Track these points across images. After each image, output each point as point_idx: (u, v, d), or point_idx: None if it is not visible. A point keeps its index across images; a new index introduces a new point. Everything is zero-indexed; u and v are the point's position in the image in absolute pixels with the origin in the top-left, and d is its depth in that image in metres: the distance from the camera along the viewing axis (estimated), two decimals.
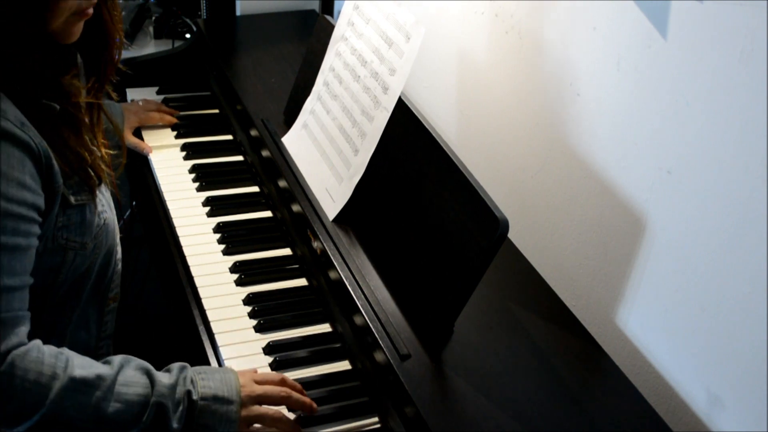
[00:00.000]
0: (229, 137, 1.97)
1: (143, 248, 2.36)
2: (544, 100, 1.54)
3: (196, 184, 1.80)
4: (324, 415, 1.28)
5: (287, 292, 1.52)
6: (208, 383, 1.20)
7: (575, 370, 1.29)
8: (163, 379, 1.17)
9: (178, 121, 1.99)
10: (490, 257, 1.21)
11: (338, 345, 1.42)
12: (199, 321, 1.46)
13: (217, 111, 2.07)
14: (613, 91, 1.37)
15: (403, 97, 1.44)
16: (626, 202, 1.38)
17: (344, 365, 1.39)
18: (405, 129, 1.43)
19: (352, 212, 1.51)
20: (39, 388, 1.09)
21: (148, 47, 2.41)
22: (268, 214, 1.73)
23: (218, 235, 1.64)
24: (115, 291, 1.44)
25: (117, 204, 1.46)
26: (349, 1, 1.64)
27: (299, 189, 1.61)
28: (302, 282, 1.55)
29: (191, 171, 1.84)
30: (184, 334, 1.50)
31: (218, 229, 1.66)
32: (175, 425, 1.15)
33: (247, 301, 1.49)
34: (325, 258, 1.47)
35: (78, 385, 1.11)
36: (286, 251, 1.63)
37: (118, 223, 1.44)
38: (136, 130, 1.93)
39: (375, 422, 1.29)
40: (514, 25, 1.59)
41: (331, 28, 1.68)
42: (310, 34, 1.80)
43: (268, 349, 1.39)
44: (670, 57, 1.24)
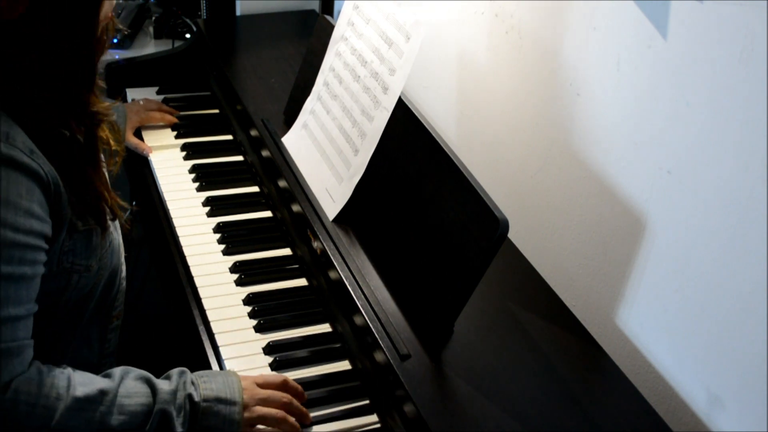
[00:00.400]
0: (229, 137, 1.97)
1: (143, 248, 2.36)
2: (544, 100, 1.54)
3: (196, 184, 1.80)
4: (324, 415, 1.28)
5: (287, 292, 1.52)
6: (210, 385, 1.20)
7: (575, 370, 1.29)
8: (163, 386, 1.18)
9: (178, 120, 1.99)
10: (490, 257, 1.21)
11: (338, 345, 1.42)
12: (199, 321, 1.46)
13: (217, 111, 2.07)
14: (613, 91, 1.37)
15: (403, 97, 1.44)
16: (626, 202, 1.38)
17: (344, 365, 1.39)
18: (405, 129, 1.43)
19: (352, 212, 1.51)
20: (43, 411, 1.09)
21: (148, 47, 2.41)
22: (268, 214, 1.73)
23: (218, 235, 1.64)
24: (119, 309, 1.43)
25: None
26: (349, 1, 1.64)
27: (299, 189, 1.61)
28: (302, 282, 1.55)
29: (191, 171, 1.84)
30: (184, 334, 1.50)
31: (218, 229, 1.66)
32: (179, 430, 1.16)
33: (247, 301, 1.49)
34: (325, 258, 1.47)
35: (82, 403, 1.11)
36: (286, 251, 1.63)
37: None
38: (137, 129, 1.94)
39: (375, 422, 1.29)
40: (514, 25, 1.59)
41: (331, 28, 1.68)
42: (310, 34, 1.80)
43: (268, 349, 1.39)
44: (670, 57, 1.24)
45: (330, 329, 1.45)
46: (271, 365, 1.36)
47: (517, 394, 1.22)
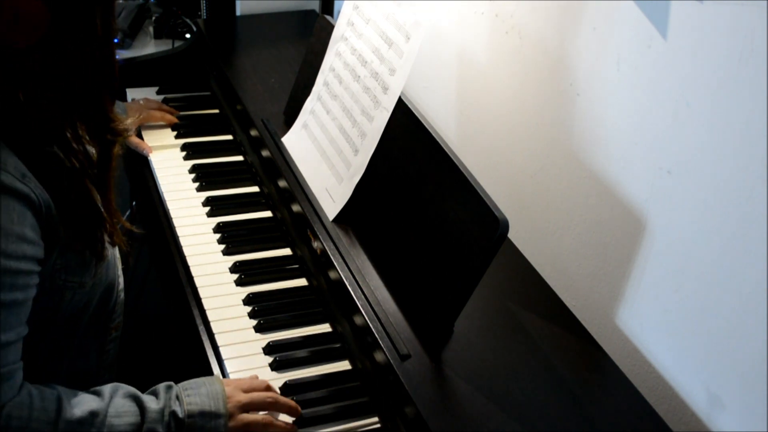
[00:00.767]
0: (229, 137, 1.97)
1: (143, 248, 2.36)
2: (544, 100, 1.54)
3: (196, 184, 1.80)
4: (324, 415, 1.28)
5: (287, 292, 1.52)
6: (194, 399, 1.20)
7: (575, 370, 1.29)
8: (151, 404, 1.17)
9: (178, 120, 1.99)
10: (490, 257, 1.21)
11: (338, 345, 1.42)
12: (199, 321, 1.46)
13: (217, 111, 2.07)
14: (613, 91, 1.37)
15: (403, 97, 1.44)
16: (626, 202, 1.38)
17: (344, 365, 1.39)
18: (405, 129, 1.43)
19: (352, 212, 1.51)
20: None
21: (148, 47, 2.41)
22: (268, 214, 1.73)
23: (218, 235, 1.64)
24: (117, 320, 1.41)
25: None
26: (349, 1, 1.64)
27: (299, 189, 1.61)
28: (302, 282, 1.55)
29: (191, 171, 1.84)
30: (184, 334, 1.50)
31: (218, 229, 1.66)
32: None
33: (247, 301, 1.49)
34: (325, 258, 1.47)
35: (73, 426, 1.11)
36: (286, 251, 1.63)
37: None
38: (137, 129, 1.93)
39: (375, 422, 1.29)
40: (514, 25, 1.59)
41: (331, 28, 1.68)
42: (310, 34, 1.80)
43: (268, 349, 1.39)
44: (670, 57, 1.24)
45: (330, 329, 1.45)
46: (271, 365, 1.36)
47: (517, 393, 1.22)
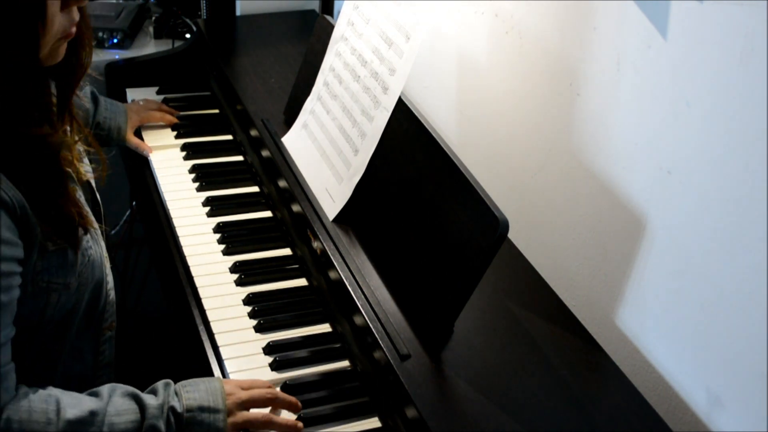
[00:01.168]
0: (229, 137, 1.97)
1: (143, 248, 2.36)
2: (544, 100, 1.54)
3: (196, 184, 1.80)
4: (324, 415, 1.28)
5: (287, 292, 1.52)
6: (192, 395, 1.20)
7: (575, 370, 1.29)
8: (150, 401, 1.17)
9: (178, 120, 1.99)
10: (490, 257, 1.21)
11: (338, 345, 1.42)
12: (199, 321, 1.46)
13: (217, 111, 2.07)
14: (613, 91, 1.37)
15: (403, 97, 1.44)
16: (626, 202, 1.38)
17: (344, 365, 1.39)
18: (405, 129, 1.43)
19: (352, 212, 1.51)
20: None
21: (148, 47, 2.41)
22: (268, 214, 1.73)
23: (218, 235, 1.64)
24: (110, 320, 1.39)
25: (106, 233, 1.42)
26: (349, 1, 1.64)
27: (299, 189, 1.61)
28: (302, 282, 1.55)
29: (191, 171, 1.84)
30: (184, 334, 1.50)
31: (218, 229, 1.66)
32: None
33: (247, 301, 1.49)
34: (325, 258, 1.47)
35: (74, 426, 1.11)
36: (286, 251, 1.63)
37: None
38: (137, 129, 1.94)
39: (375, 422, 1.29)
40: (514, 25, 1.59)
41: (331, 28, 1.68)
42: (310, 34, 1.80)
43: (268, 349, 1.39)
44: (670, 57, 1.24)
45: (330, 329, 1.45)
46: (271, 365, 1.36)
47: (517, 394, 1.22)
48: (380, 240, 1.44)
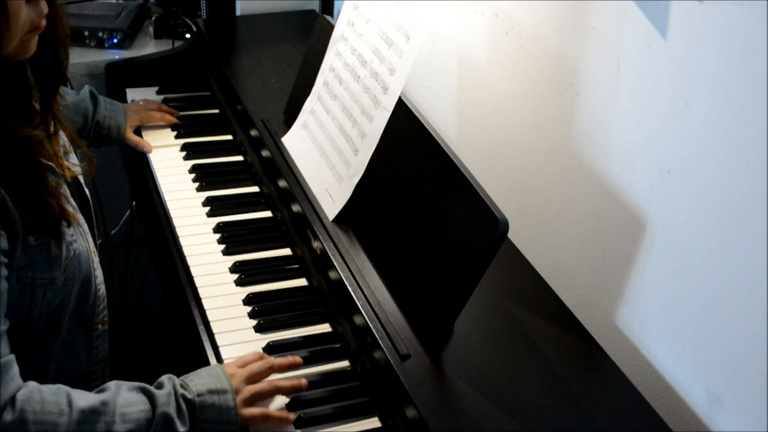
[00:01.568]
0: (229, 137, 1.97)
1: (143, 248, 2.36)
2: (544, 100, 1.54)
3: (196, 184, 1.80)
4: (324, 415, 1.28)
5: (287, 292, 1.52)
6: (198, 381, 1.23)
7: (575, 369, 1.29)
8: (158, 391, 1.20)
9: (178, 120, 1.99)
10: (490, 257, 1.21)
11: (338, 345, 1.42)
12: (199, 321, 1.46)
13: (217, 111, 2.07)
14: (612, 91, 1.37)
15: (403, 97, 1.44)
16: (626, 202, 1.38)
17: (344, 365, 1.39)
18: (405, 129, 1.43)
19: (352, 212, 1.51)
20: (51, 427, 1.10)
21: (148, 47, 2.41)
22: (268, 214, 1.73)
23: (218, 235, 1.64)
24: (102, 315, 1.38)
25: (96, 225, 1.42)
26: (349, 1, 1.64)
27: (299, 189, 1.61)
28: (302, 282, 1.56)
29: (191, 171, 1.84)
30: (184, 334, 1.50)
31: (218, 229, 1.66)
32: (181, 429, 1.17)
33: (247, 301, 1.49)
34: (325, 258, 1.47)
35: (87, 415, 1.12)
36: (286, 251, 1.63)
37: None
38: (136, 129, 1.94)
39: (375, 422, 1.29)
40: (514, 25, 1.59)
41: (331, 28, 1.68)
42: (310, 34, 1.80)
43: (268, 350, 1.39)
44: (670, 57, 1.24)
45: (330, 329, 1.45)
46: None
47: (517, 394, 1.22)
48: (380, 240, 1.44)
